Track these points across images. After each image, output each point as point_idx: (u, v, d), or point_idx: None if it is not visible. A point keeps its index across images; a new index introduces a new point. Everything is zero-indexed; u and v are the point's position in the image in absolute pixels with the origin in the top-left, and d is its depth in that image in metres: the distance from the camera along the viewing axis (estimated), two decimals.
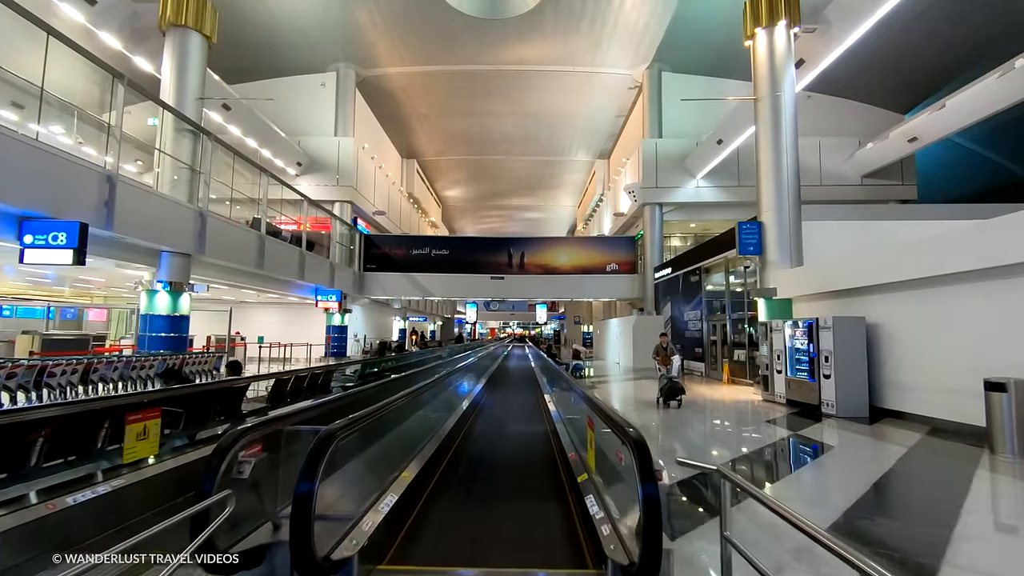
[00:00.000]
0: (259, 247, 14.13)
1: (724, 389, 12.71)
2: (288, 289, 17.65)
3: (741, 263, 13.92)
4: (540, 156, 32.22)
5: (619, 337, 22.44)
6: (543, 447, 6.86)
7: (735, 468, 5.51)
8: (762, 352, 10.41)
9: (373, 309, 26.07)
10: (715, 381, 14.49)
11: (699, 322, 16.11)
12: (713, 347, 15.49)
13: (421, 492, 4.60)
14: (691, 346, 16.72)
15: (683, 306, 17.67)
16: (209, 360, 10.19)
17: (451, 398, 8.17)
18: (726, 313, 14.24)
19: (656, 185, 21.57)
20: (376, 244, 23.02)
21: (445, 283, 22.97)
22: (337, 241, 20.94)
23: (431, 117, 27.13)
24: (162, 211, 10.65)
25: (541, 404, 10.03)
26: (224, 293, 18.18)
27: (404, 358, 14.61)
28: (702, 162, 20.56)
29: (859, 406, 8.22)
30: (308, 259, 17.29)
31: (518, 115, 26.70)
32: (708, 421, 8.64)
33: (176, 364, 8.90)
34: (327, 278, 19.18)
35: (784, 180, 11.59)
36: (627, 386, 14.09)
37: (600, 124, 27.62)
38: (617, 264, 22.71)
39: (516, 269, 22.94)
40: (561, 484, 5.05)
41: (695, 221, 22.86)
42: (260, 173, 14.63)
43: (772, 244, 11.50)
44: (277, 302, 22.02)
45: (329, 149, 22.13)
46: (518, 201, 41.01)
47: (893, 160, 20.62)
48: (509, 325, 79.07)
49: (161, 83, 12.68)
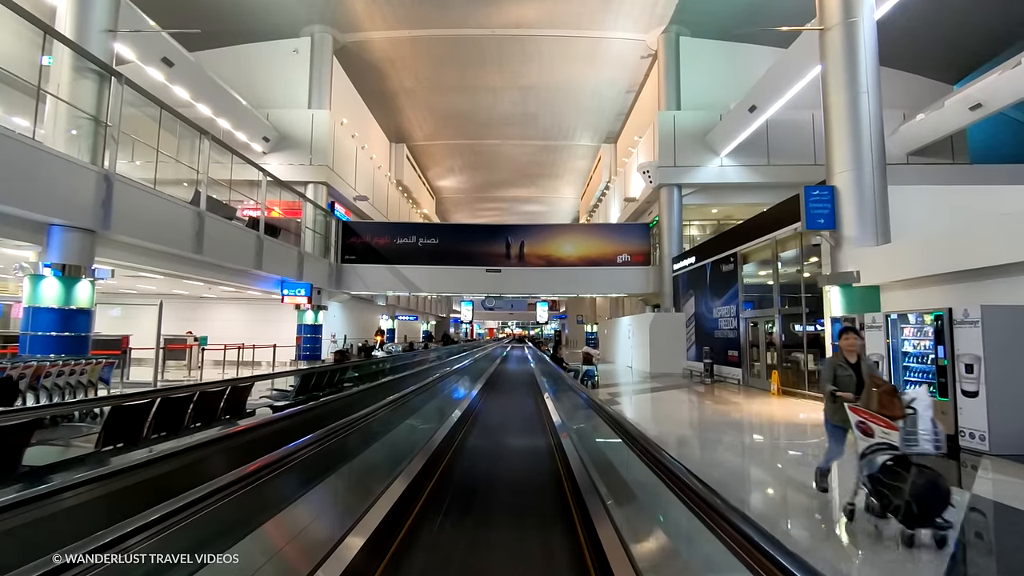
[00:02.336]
0: (196, 227, 11.42)
1: (776, 404, 10.02)
2: (246, 281, 14.92)
3: (793, 245, 11.22)
4: (540, 140, 29.53)
5: (632, 338, 19.74)
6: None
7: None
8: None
9: (355, 307, 23.34)
10: (757, 391, 11.81)
11: (733, 319, 13.42)
12: (753, 350, 12.80)
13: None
14: (722, 348, 14.03)
15: (711, 301, 14.98)
16: (91, 369, 7.45)
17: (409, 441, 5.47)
18: (774, 308, 11.55)
19: (674, 164, 18.90)
20: (355, 232, 20.30)
21: (434, 277, 20.25)
22: (308, 227, 18.22)
23: (419, 93, 24.41)
24: (51, 171, 7.98)
25: (543, 412, 7.42)
26: (160, 284, 15.47)
27: (364, 367, 11.83)
28: (728, 136, 17.89)
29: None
30: (268, 246, 14.57)
31: (515, 90, 24.00)
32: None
33: (22, 373, 6.18)
34: (294, 269, 16.47)
35: (865, 130, 8.90)
36: (664, 402, 11.39)
37: (607, 101, 24.92)
38: (629, 255, 20.02)
39: (515, 261, 20.25)
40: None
41: (717, 205, 20.19)
42: (200, 136, 11.91)
43: (849, 215, 8.81)
44: (238, 297, 19.28)
45: (302, 123, 19.42)
46: (517, 192, 38.30)
47: (946, 134, 17.93)
48: (508, 325, 76.44)
49: (57, 11, 9.96)
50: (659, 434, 7.12)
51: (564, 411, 6.86)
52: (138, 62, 13.33)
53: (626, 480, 3.80)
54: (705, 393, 11.82)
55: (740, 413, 9.13)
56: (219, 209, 13.05)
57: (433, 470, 4.55)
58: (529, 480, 4.85)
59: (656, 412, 9.60)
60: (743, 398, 10.85)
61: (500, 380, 13.90)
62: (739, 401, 10.46)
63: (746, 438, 7.31)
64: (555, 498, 4.15)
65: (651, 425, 7.81)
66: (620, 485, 3.83)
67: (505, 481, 4.85)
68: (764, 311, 12.24)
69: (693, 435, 7.18)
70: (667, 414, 9.46)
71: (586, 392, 6.26)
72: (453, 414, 6.53)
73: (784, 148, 18.77)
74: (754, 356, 12.77)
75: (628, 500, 3.52)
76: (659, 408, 10.06)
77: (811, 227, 8.96)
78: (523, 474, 5.11)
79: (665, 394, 11.78)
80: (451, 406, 7.59)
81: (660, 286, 19.18)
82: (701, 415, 8.95)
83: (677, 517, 2.32)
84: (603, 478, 3.85)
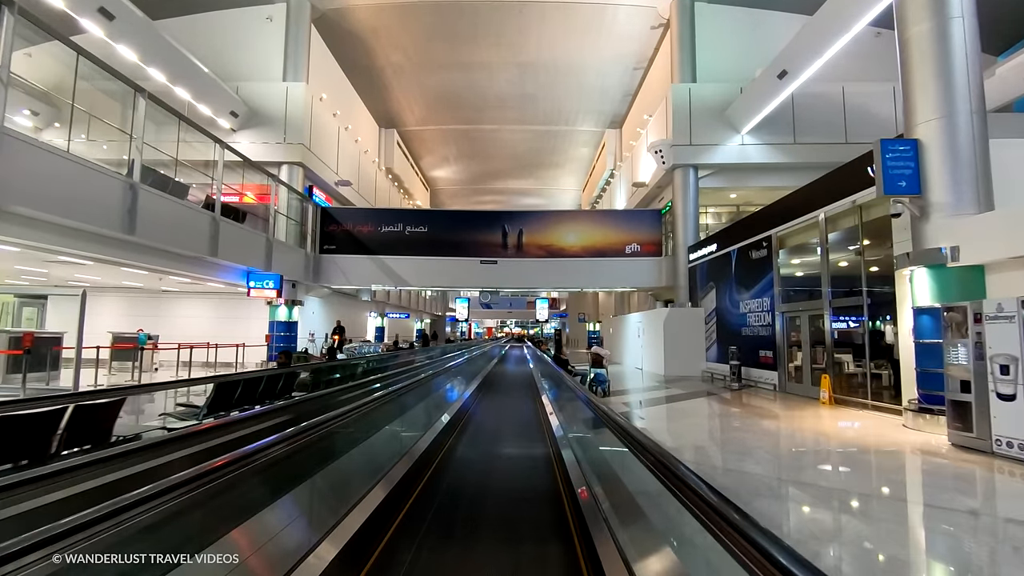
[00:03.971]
0: (128, 202, 9.45)
1: (835, 417, 8.07)
2: (202, 271, 12.94)
3: (849, 222, 9.26)
4: (540, 125, 27.55)
5: (642, 337, 17.80)
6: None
7: None
8: (959, 358, 5.74)
9: (338, 303, 21.36)
10: (800, 399, 9.87)
11: (766, 314, 11.48)
12: (791, 350, 10.86)
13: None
14: (752, 348, 12.10)
15: (737, 294, 13.05)
16: None
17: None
18: (822, 299, 9.59)
19: (690, 142, 16.96)
20: (335, 219, 18.32)
21: (423, 269, 18.28)
22: (281, 212, 16.24)
23: (408, 70, 22.43)
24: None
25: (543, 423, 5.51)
26: (108, 274, 13.52)
27: (322, 372, 9.52)
28: (751, 110, 15.96)
29: None
30: (227, 230, 12.61)
31: (513, 67, 22.04)
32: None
33: None
34: (262, 258, 14.49)
35: (958, 65, 6.95)
36: (694, 416, 9.46)
37: (613, 79, 22.95)
38: (639, 244, 18.06)
39: (513, 251, 18.28)
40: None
41: (736, 189, 18.22)
42: (135, 93, 9.93)
43: (939, 176, 6.85)
44: (203, 291, 17.32)
45: (275, 98, 17.44)
46: (515, 184, 36.33)
47: (994, 108, 15.99)
48: (507, 324, 74.54)
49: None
50: (701, 464, 5.17)
51: (579, 446, 4.93)
52: (68, 11, 11.35)
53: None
54: (739, 402, 9.87)
55: (799, 432, 7.17)
56: (163, 184, 11.09)
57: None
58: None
59: (690, 431, 7.64)
60: (789, 409, 8.90)
61: (491, 396, 11.94)
62: (787, 414, 8.51)
63: (837, 478, 5.22)
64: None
65: (691, 454, 5.85)
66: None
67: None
68: (809, 303, 10.29)
69: (757, 470, 5.25)
70: (706, 434, 7.50)
71: (606, 409, 4.33)
72: (421, 446, 4.59)
73: (811, 125, 16.88)
74: (793, 357, 10.83)
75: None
76: (692, 425, 8.09)
77: (890, 192, 6.98)
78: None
79: (691, 405, 9.82)
80: (425, 427, 5.64)
81: (674, 279, 17.23)
82: (752, 436, 7.01)
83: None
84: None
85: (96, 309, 17.65)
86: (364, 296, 21.40)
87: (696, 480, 2.00)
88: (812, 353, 10.10)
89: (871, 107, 17.09)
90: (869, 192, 8.18)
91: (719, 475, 4.81)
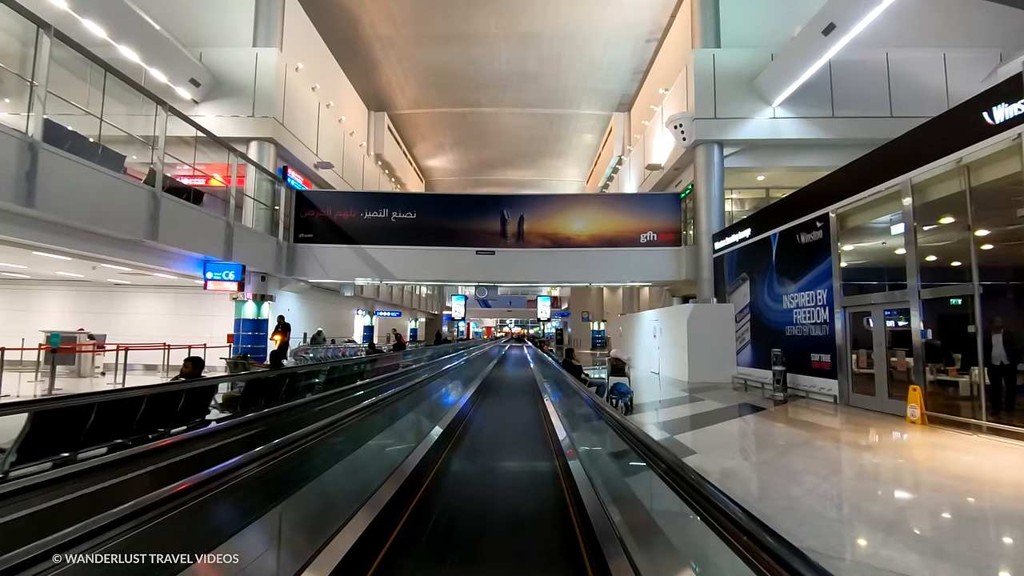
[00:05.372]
0: (25, 165, 7.41)
1: (939, 442, 6.05)
2: (143, 258, 10.87)
3: (941, 190, 7.19)
4: (542, 108, 25.49)
5: (660, 337, 15.76)
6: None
7: None
8: None
9: (319, 298, 19.30)
10: (876, 415, 7.85)
11: (822, 309, 9.44)
12: (859, 354, 8.81)
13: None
14: (801, 351, 10.05)
15: (780, 286, 11.01)
16: None
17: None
18: (909, 288, 7.51)
19: (714, 115, 14.91)
20: (312, 204, 16.26)
21: (411, 261, 16.22)
22: (244, 192, 14.20)
23: (398, 43, 20.37)
24: None
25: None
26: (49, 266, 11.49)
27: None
28: (787, 76, 13.93)
29: None
30: (172, 210, 10.56)
31: (513, 39, 19.98)
32: None
33: None
34: (220, 245, 12.44)
35: None
36: (757, 443, 7.45)
37: (623, 53, 20.88)
38: (655, 232, 16.01)
39: (512, 240, 16.24)
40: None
41: (765, 171, 16.17)
42: (38, 30, 7.87)
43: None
44: (163, 284, 15.28)
45: (243, 65, 15.38)
46: (515, 175, 34.25)
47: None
48: (507, 323, 72.50)
49: None
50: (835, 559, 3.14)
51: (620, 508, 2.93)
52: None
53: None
54: (803, 422, 7.82)
55: (924, 473, 5.12)
56: (86, 151, 9.04)
57: None
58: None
59: (781, 478, 5.58)
60: (876, 432, 6.86)
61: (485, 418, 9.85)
62: (884, 442, 6.46)
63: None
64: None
65: (812, 535, 3.81)
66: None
67: None
68: (886, 296, 8.23)
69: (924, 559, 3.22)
70: (814, 485, 5.44)
71: (663, 454, 2.37)
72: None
73: (852, 97, 14.88)
74: (861, 362, 8.78)
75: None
76: (777, 467, 6.02)
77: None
78: None
79: (741, 425, 7.76)
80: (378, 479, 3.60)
81: (695, 271, 15.18)
82: (872, 483, 4.98)
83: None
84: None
85: (36, 305, 15.65)
86: (347, 292, 19.33)
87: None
88: (887, 357, 8.05)
89: (919, 76, 15.08)
90: (986, 145, 6.13)
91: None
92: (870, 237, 9.25)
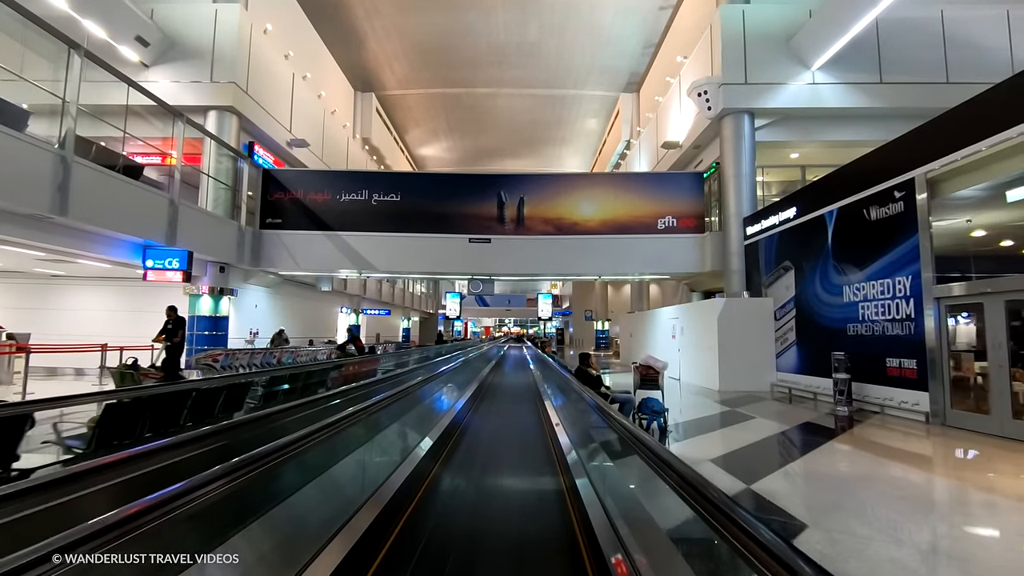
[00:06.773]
0: None
1: None
2: (56, 239, 8.79)
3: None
4: (544, 88, 23.44)
5: (681, 338, 13.74)
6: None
7: None
8: None
9: (295, 293, 17.24)
10: (996, 440, 5.83)
11: (902, 302, 7.43)
12: (959, 359, 6.80)
13: None
14: (869, 354, 8.04)
15: (838, 274, 8.99)
16: None
17: None
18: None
19: (745, 80, 12.89)
20: (281, 184, 14.21)
21: (394, 250, 14.18)
22: (199, 169, 12.15)
23: (385, 11, 18.31)
24: None
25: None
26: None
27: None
28: (830, 33, 11.93)
29: None
30: (92, 180, 8.53)
31: (511, 7, 17.94)
32: None
33: None
34: (162, 227, 10.40)
35: None
36: (870, 493, 5.35)
37: (633, 23, 18.86)
38: (675, 217, 13.97)
39: (511, 226, 14.21)
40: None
41: (801, 146, 14.12)
42: None
43: None
44: (107, 276, 13.21)
45: (200, 23, 13.33)
46: (514, 163, 32.18)
47: None
48: (505, 323, 70.51)
49: None
50: None
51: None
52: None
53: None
54: (906, 451, 5.78)
55: None
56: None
57: None
58: None
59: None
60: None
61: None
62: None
63: None
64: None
65: None
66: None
67: None
68: (1010, 283, 6.21)
69: None
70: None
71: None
72: None
73: (902, 61, 12.90)
74: (961, 367, 6.77)
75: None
76: (945, 540, 4.00)
77: None
78: None
79: (829, 459, 5.71)
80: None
81: (723, 261, 13.16)
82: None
83: None
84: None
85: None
86: (324, 286, 17.27)
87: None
88: (1009, 364, 6.03)
89: (977, 37, 13.10)
90: None
91: None
92: (978, 209, 7.24)
